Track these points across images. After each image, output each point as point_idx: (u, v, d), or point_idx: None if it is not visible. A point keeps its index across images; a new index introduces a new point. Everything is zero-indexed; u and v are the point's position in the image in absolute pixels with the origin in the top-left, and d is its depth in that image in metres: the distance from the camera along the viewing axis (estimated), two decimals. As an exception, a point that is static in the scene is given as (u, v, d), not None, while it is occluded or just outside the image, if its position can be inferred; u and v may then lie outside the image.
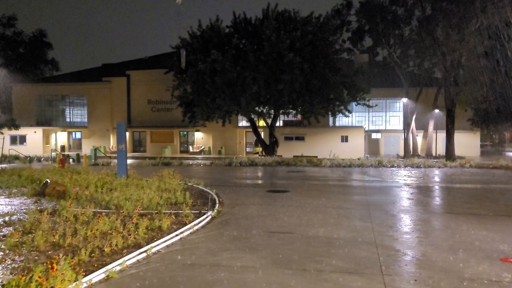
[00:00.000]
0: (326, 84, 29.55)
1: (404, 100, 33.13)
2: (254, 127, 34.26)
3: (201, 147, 42.00)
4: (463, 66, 24.48)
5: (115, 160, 17.78)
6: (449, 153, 27.84)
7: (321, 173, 21.46)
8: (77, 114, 45.67)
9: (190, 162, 28.68)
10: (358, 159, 26.76)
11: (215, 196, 12.55)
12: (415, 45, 33.90)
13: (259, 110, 31.39)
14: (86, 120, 44.57)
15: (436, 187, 16.27)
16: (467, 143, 38.23)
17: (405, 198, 12.98)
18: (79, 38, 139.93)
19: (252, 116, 33.35)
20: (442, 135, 37.12)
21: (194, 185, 15.11)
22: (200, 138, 42.88)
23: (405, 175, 19.88)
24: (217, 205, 11.09)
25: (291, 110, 32.85)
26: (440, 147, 37.77)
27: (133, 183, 14.16)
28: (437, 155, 36.30)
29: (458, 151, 31.27)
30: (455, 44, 24.44)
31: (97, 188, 13.43)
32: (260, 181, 18.14)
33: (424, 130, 40.35)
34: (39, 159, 31.57)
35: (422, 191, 14.79)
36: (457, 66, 24.89)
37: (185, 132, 43.41)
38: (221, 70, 28.72)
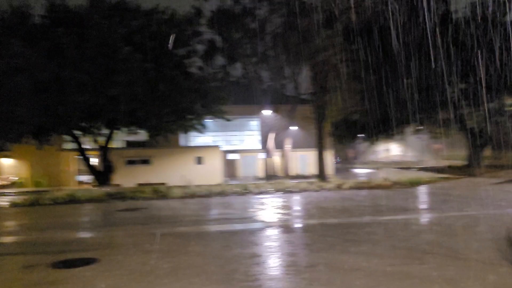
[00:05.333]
0: (177, 90, 23.29)
1: (266, 112, 29.10)
2: (80, 149, 25.83)
3: (11, 178, 31.40)
4: (330, 69, 21.19)
5: None
6: (322, 173, 24.15)
7: (169, 209, 14.99)
8: None
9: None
10: (219, 185, 21.06)
11: None
12: (271, 58, 30.42)
13: (86, 126, 23.24)
14: None
15: (337, 224, 11.33)
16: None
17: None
18: None
19: (76, 134, 24.95)
20: (299, 154, 36.52)
21: None
22: (10, 166, 32.17)
23: (282, 206, 14.81)
24: None
25: (132, 128, 25.55)
26: (298, 166, 36.43)
27: None
28: (295, 175, 34.04)
29: (314, 169, 29.22)
30: (318, 45, 21.13)
31: None
32: (58, 235, 10.56)
33: (282, 149, 37.32)
34: None
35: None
36: (323, 71, 21.58)
37: (-1, 159, 32.10)
38: (27, 68, 20.24)
